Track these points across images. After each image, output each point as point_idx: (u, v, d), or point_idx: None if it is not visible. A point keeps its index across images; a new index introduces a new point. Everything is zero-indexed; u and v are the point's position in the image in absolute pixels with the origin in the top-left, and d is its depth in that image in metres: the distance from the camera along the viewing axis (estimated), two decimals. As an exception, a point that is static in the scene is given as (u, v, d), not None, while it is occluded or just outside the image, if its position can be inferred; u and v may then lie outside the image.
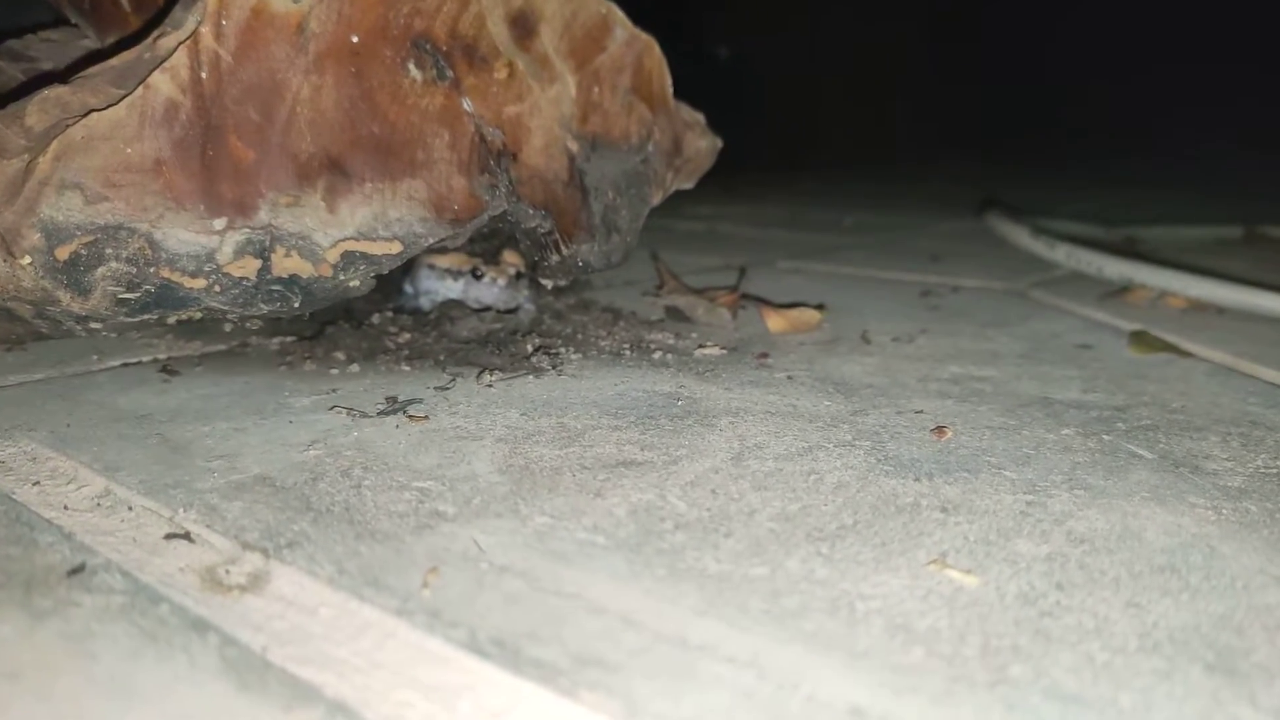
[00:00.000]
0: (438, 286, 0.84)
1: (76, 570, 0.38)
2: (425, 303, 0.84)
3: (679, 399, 0.62)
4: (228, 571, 0.38)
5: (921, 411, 0.59)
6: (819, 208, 2.05)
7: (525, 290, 0.85)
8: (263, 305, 0.55)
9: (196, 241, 0.53)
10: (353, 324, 0.76)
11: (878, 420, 0.58)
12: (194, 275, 0.53)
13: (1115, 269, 0.99)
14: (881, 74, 3.63)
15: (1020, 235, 1.15)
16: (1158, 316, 0.90)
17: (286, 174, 0.55)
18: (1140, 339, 0.80)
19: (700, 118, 0.82)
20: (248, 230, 0.54)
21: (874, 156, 3.37)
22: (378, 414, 0.57)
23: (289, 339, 0.75)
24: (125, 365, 0.68)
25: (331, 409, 0.58)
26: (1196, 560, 0.39)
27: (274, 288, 0.55)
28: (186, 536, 0.41)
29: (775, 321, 0.81)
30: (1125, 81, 4.12)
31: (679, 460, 0.50)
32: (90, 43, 0.75)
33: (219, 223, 0.53)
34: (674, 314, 0.87)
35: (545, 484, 0.47)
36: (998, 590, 0.36)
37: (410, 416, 0.57)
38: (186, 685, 0.31)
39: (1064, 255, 1.04)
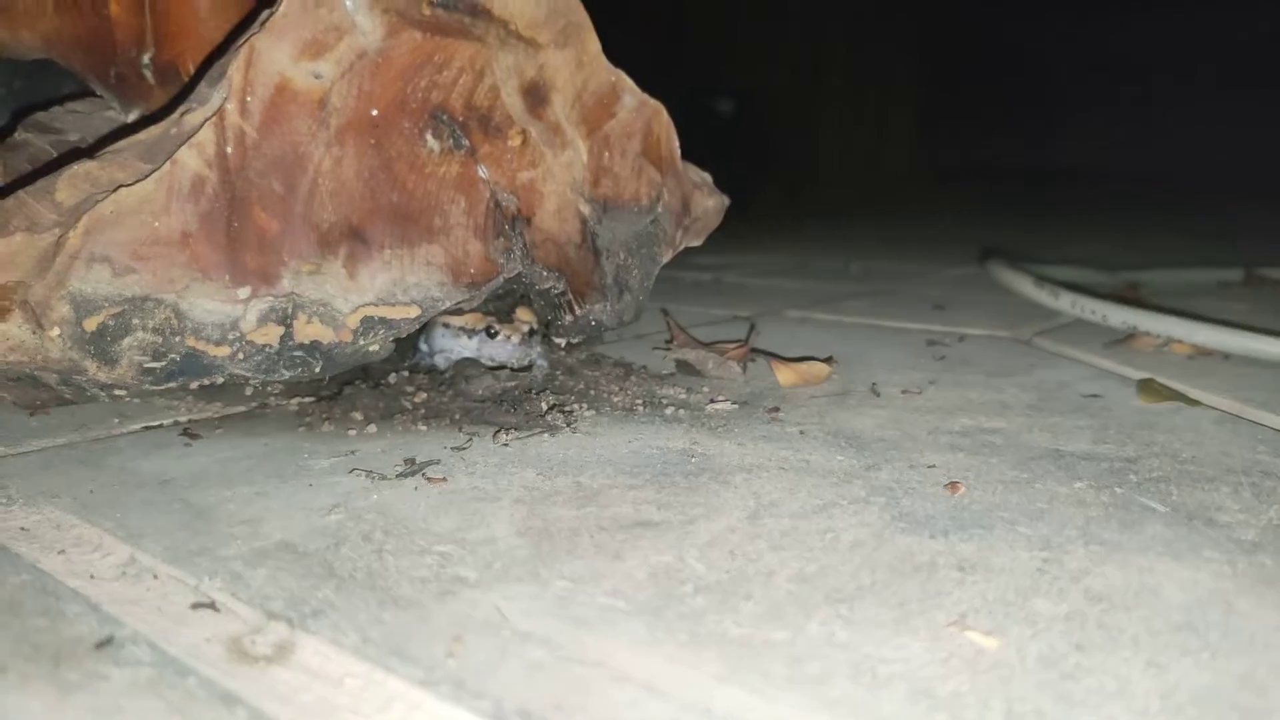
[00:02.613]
0: (452, 345, 0.85)
1: (104, 643, 0.38)
2: (440, 361, 0.85)
3: (693, 455, 0.62)
4: (253, 642, 0.38)
5: (934, 466, 0.60)
6: (823, 255, 2.07)
7: (538, 346, 0.86)
8: (285, 371, 0.56)
9: (221, 310, 0.54)
10: (369, 384, 0.77)
11: (891, 475, 0.58)
12: (219, 343, 0.54)
13: (1119, 316, 1.00)
14: (878, 118, 3.69)
15: (1024, 284, 1.16)
16: (1163, 363, 0.91)
17: (309, 243, 0.56)
18: (1148, 387, 0.81)
19: (707, 177, 0.83)
20: (271, 298, 0.55)
21: (873, 201, 3.40)
22: (396, 476, 0.58)
23: (307, 399, 0.76)
24: (146, 429, 0.69)
25: (351, 471, 0.58)
26: (1214, 617, 0.39)
27: (296, 353, 0.56)
28: (212, 606, 0.42)
29: (785, 375, 0.82)
30: (1115, 124, 4.17)
31: (695, 520, 0.51)
32: (115, 114, 0.77)
33: (243, 291, 0.54)
34: (685, 368, 0.88)
35: (564, 546, 0.47)
36: (1018, 652, 0.36)
37: (429, 478, 0.57)
38: (218, 759, 0.31)
39: (1069, 304, 1.05)
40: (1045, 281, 1.11)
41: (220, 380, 0.56)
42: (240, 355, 0.55)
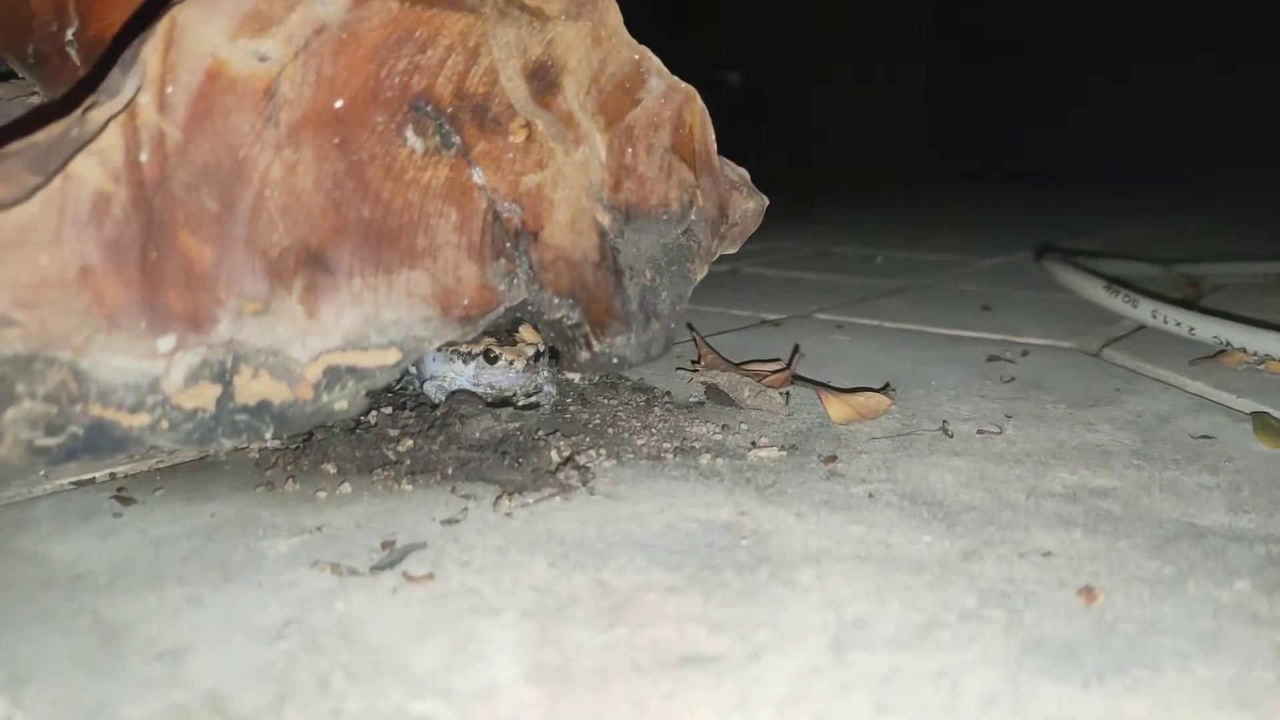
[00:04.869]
0: (445, 371, 0.73)
1: None
2: (432, 390, 0.73)
3: (743, 535, 0.50)
4: None
5: (1050, 554, 0.48)
6: (843, 242, 1.94)
7: (545, 371, 0.73)
8: (225, 440, 0.44)
9: (136, 368, 0.41)
10: (346, 425, 0.65)
11: (999, 570, 0.46)
12: (134, 410, 0.42)
13: (1211, 330, 0.88)
14: (889, 97, 3.55)
15: (1093, 290, 1.04)
16: (1263, 386, 0.79)
17: (253, 274, 0.44)
18: (1265, 425, 0.68)
19: (745, 174, 0.70)
20: (203, 349, 0.43)
21: (886, 183, 3.26)
22: (370, 570, 0.46)
23: (271, 445, 0.64)
24: (77, 485, 0.57)
25: (314, 564, 0.46)
26: None
27: (239, 418, 0.44)
28: (98, 818, 0.29)
29: (837, 409, 0.69)
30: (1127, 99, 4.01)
31: (761, 653, 0.38)
32: (39, 100, 0.64)
33: (165, 342, 0.42)
34: (716, 395, 0.75)
35: (590, 703, 0.35)
36: None
37: (410, 577, 0.45)
38: None
39: (1149, 313, 0.92)
40: (1119, 287, 0.99)
41: (139, 454, 0.43)
42: (164, 424, 0.43)
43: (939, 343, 0.99)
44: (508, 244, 0.52)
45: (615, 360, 0.56)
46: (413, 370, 0.80)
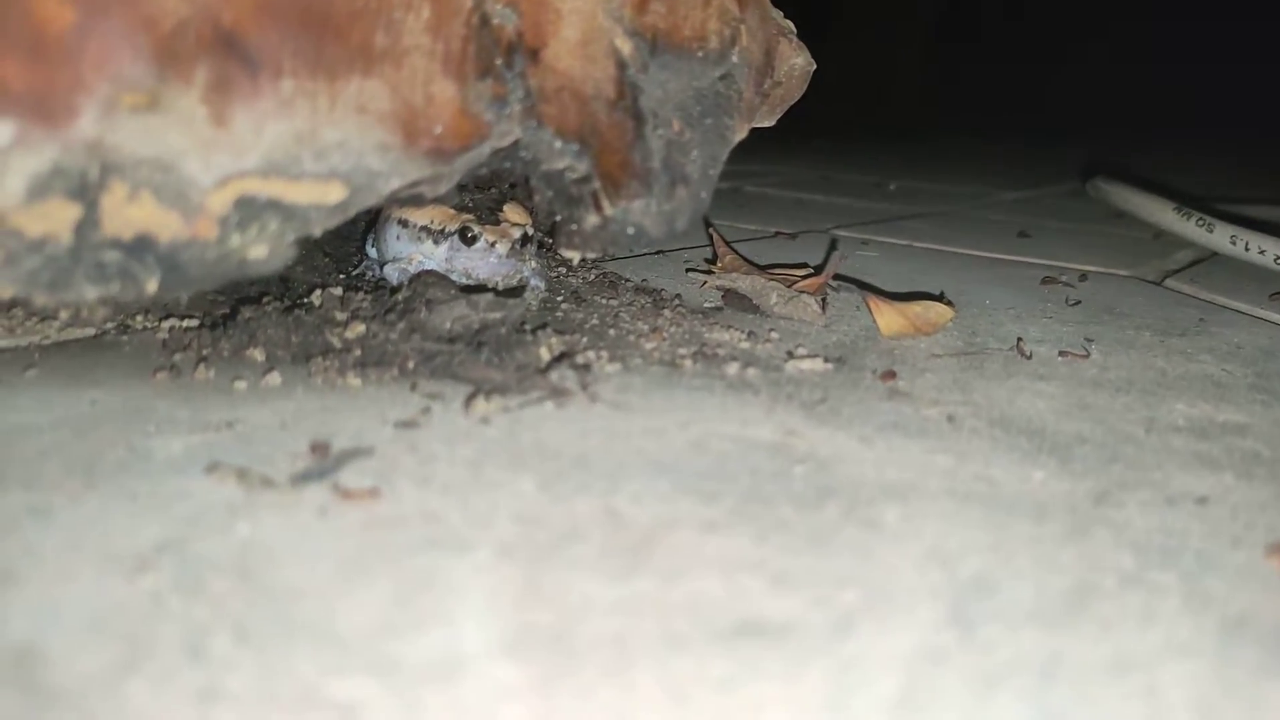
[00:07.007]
0: (411, 251, 0.60)
1: None
2: (393, 273, 0.60)
3: (795, 458, 0.38)
4: None
5: (1205, 500, 0.36)
6: (847, 170, 1.80)
7: (532, 260, 0.60)
8: (88, 286, 0.31)
9: (-57, 166, 0.28)
10: (283, 304, 0.51)
11: (1147, 519, 0.34)
12: (-58, 230, 0.29)
13: (1298, 259, 0.76)
14: (887, 42, 3.38)
15: (1158, 211, 0.91)
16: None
17: (137, 52, 0.30)
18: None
19: (790, 25, 0.57)
20: (56, 149, 0.29)
21: (883, 120, 3.10)
22: (291, 481, 0.33)
23: (186, 323, 0.50)
24: (-82, 361, 0.43)
25: (213, 469, 0.33)
26: None
27: (107, 256, 0.30)
28: None
29: (889, 319, 0.57)
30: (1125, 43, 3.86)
31: (853, 622, 0.26)
32: None
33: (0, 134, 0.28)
34: (736, 301, 0.63)
35: (607, 692, 0.23)
36: None
37: (345, 493, 0.32)
38: None
39: (1227, 239, 0.80)
40: (1191, 210, 0.87)
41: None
42: (-9, 254, 0.29)
43: (980, 264, 0.86)
44: (498, 61, 0.39)
45: (630, 231, 0.44)
46: (371, 252, 0.66)
